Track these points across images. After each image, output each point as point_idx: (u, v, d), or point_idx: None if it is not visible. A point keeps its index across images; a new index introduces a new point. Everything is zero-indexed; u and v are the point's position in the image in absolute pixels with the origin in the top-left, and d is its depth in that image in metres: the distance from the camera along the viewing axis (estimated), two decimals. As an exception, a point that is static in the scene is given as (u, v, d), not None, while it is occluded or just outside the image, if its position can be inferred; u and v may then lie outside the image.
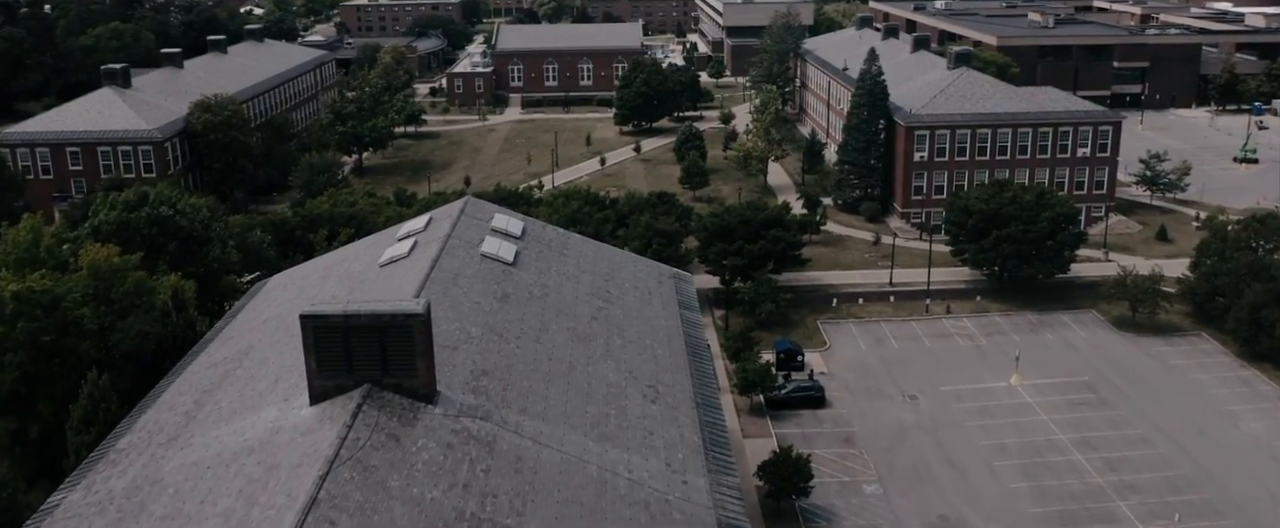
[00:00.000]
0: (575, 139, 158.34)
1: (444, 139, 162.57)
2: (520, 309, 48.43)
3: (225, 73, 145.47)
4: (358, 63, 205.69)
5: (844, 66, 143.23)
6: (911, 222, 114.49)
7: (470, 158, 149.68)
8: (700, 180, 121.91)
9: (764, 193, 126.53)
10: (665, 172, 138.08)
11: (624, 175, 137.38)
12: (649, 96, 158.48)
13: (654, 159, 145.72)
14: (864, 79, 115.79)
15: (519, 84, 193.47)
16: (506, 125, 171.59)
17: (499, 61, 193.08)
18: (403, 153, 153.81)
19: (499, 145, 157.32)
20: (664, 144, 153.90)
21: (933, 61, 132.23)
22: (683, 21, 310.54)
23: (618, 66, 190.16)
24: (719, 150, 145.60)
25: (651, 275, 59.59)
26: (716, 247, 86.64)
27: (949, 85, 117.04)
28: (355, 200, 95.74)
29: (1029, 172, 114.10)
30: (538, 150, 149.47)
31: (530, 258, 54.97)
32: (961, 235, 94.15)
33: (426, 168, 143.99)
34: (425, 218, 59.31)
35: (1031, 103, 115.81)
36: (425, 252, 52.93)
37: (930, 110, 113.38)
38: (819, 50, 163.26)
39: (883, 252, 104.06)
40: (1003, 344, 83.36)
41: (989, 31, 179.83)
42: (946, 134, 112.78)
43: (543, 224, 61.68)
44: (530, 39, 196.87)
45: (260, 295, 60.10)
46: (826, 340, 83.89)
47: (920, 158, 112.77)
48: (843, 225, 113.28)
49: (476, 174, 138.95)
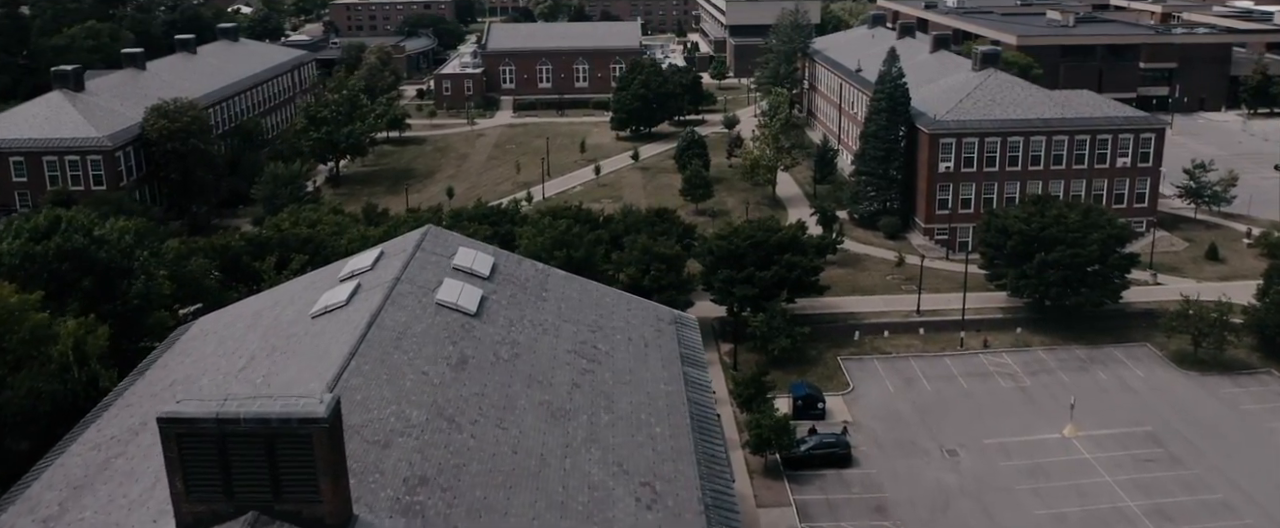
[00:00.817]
0: (569, 145, 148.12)
1: (429, 145, 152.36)
2: (481, 378, 38.26)
3: (192, 75, 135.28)
4: (341, 63, 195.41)
5: (857, 68, 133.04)
6: (935, 238, 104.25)
7: (456, 166, 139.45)
8: (703, 192, 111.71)
9: (772, 205, 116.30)
10: (665, 181, 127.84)
11: (621, 185, 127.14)
12: (648, 99, 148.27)
13: (653, 167, 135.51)
14: (883, 82, 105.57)
15: (511, 86, 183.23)
16: (496, 130, 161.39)
17: (490, 62, 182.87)
18: (384, 160, 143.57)
19: (487, 152, 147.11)
20: (664, 151, 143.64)
21: (955, 62, 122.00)
22: (683, 20, 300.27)
23: (615, 67, 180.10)
24: (722, 157, 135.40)
25: (648, 322, 49.36)
26: (723, 273, 76.41)
27: (976, 88, 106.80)
28: (318, 218, 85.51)
29: (1064, 183, 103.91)
30: (528, 157, 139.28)
31: (499, 305, 44.74)
32: (998, 258, 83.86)
33: (408, 177, 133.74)
34: (375, 253, 49.10)
35: (1066, 107, 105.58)
36: (367, 299, 42.79)
37: (956, 116, 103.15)
38: (829, 50, 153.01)
39: (907, 274, 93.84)
40: (1050, 385, 73.12)
41: (1008, 30, 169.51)
42: (974, 142, 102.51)
43: (518, 259, 51.42)
44: (523, 38, 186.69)
45: (178, 346, 49.93)
46: (849, 381, 73.61)
47: (945, 168, 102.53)
48: (860, 243, 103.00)
49: (461, 184, 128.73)
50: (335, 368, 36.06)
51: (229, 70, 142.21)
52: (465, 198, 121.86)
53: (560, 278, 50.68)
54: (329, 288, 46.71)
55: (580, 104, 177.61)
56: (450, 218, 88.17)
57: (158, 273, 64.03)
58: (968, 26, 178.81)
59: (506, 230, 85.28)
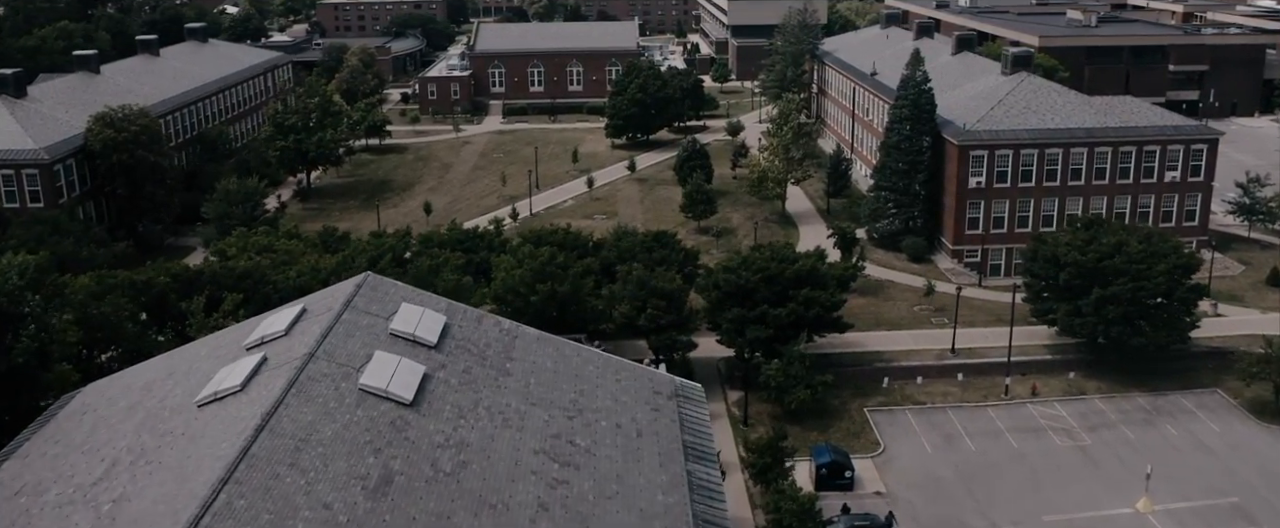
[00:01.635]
0: (561, 153, 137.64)
1: (411, 153, 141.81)
2: (408, 508, 27.92)
3: (152, 79, 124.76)
4: (322, 66, 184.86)
5: (872, 71, 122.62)
6: (964, 261, 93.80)
7: (437, 177, 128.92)
8: (706, 208, 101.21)
9: (782, 222, 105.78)
10: (664, 194, 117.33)
11: (616, 199, 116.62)
12: (645, 105, 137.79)
13: (651, 178, 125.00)
14: (906, 87, 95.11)
15: (500, 89, 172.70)
16: (484, 137, 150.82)
17: (478, 64, 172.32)
18: (361, 171, 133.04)
19: (473, 161, 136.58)
20: (663, 160, 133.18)
21: (982, 65, 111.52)
22: (683, 21, 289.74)
23: (611, 70, 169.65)
24: (726, 167, 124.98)
25: (641, 397, 38.90)
26: (732, 312, 65.84)
27: (1008, 94, 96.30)
28: (269, 243, 75.01)
29: (1106, 200, 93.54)
30: (517, 168, 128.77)
31: (446, 388, 34.36)
32: (1046, 291, 73.35)
33: (385, 190, 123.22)
34: (293, 310, 38.71)
35: (1108, 115, 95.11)
36: (268, 383, 32.57)
37: (988, 125, 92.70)
38: (839, 52, 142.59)
39: (937, 303, 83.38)
40: (1112, 443, 62.66)
41: (1029, 31, 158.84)
42: (1008, 154, 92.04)
43: (478, 317, 40.89)
44: (513, 39, 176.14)
45: (53, 426, 39.52)
46: (879, 440, 63.10)
47: (976, 183, 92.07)
48: (881, 266, 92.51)
49: (441, 198, 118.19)
50: (197, 502, 25.67)
51: (194, 73, 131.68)
52: (445, 214, 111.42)
53: (531, 340, 40.19)
54: (230, 359, 36.36)
55: (574, 109, 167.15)
56: (420, 243, 77.74)
57: (58, 319, 53.58)
58: (984, 27, 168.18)
59: (483, 258, 74.79)
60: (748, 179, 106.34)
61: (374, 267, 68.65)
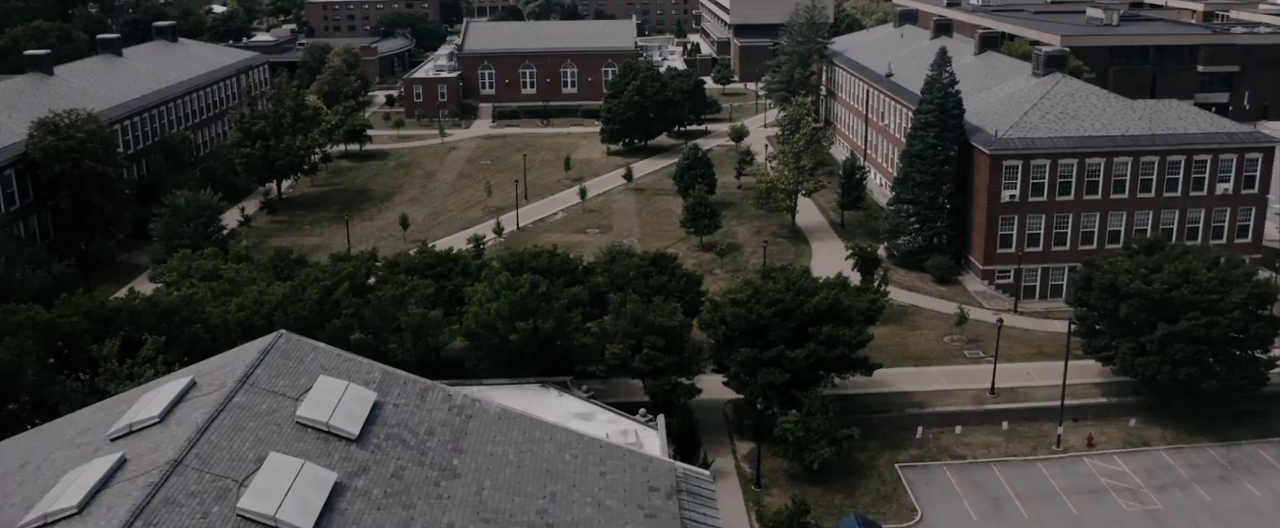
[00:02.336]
0: (553, 160, 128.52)
1: (392, 160, 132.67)
2: None
3: (111, 81, 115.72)
4: (304, 67, 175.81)
5: (888, 72, 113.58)
6: (996, 283, 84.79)
7: (420, 186, 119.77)
8: (709, 223, 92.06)
9: (792, 237, 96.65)
10: (663, 206, 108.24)
11: (610, 211, 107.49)
12: (643, 108, 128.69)
13: (649, 188, 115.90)
14: (931, 90, 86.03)
15: (490, 91, 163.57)
16: (471, 142, 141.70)
17: (467, 65, 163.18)
18: (338, 179, 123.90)
19: (458, 168, 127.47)
20: (662, 167, 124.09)
21: (1009, 66, 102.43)
22: (683, 20, 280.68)
23: (607, 71, 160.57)
24: (730, 176, 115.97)
25: (633, 500, 29.77)
26: (742, 352, 56.70)
27: (1042, 98, 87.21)
28: (217, 267, 65.94)
29: (1152, 214, 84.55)
30: (504, 176, 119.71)
31: (365, 505, 25.30)
32: (1102, 325, 64.23)
33: (361, 201, 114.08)
34: (177, 386, 29.60)
35: (1154, 121, 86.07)
36: (114, 504, 23.45)
37: (1022, 132, 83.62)
38: (850, 52, 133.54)
39: (970, 334, 74.30)
40: (1187, 507, 53.64)
41: (1048, 30, 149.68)
42: (1045, 165, 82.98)
43: (422, 389, 31.74)
44: (504, 39, 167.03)
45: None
46: (916, 506, 53.96)
47: (1010, 197, 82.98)
48: (904, 288, 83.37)
49: (422, 209, 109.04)
50: None
51: (159, 75, 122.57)
52: (425, 228, 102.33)
53: (490, 421, 31.09)
54: (88, 454, 27.36)
55: (568, 112, 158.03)
56: (384, 269, 68.57)
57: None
58: (1001, 25, 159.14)
59: (456, 286, 65.62)
60: (754, 189, 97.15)
61: (327, 298, 59.64)
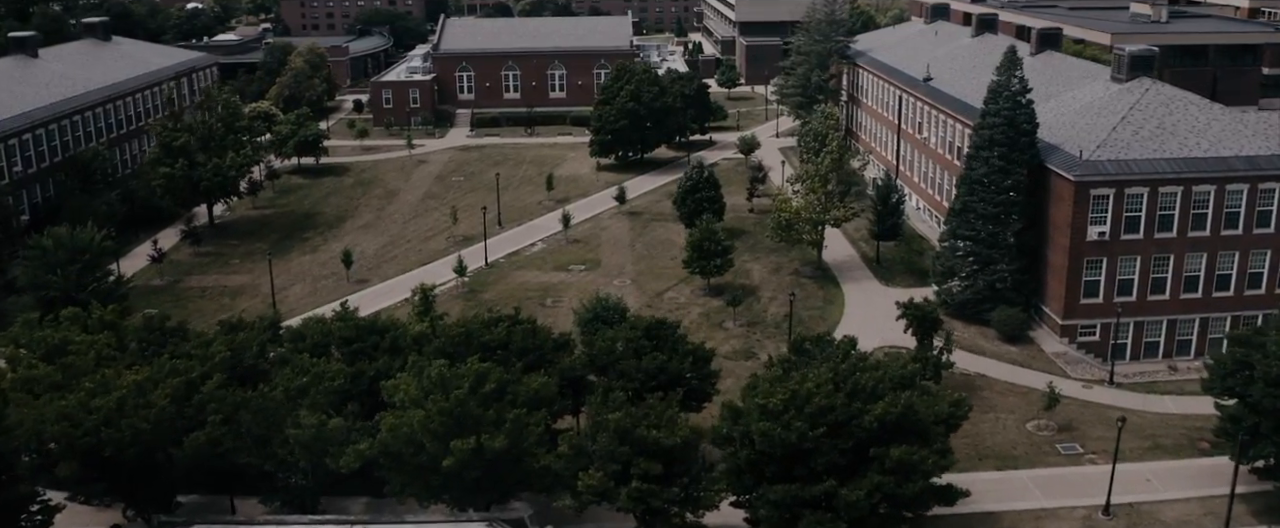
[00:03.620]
0: (535, 177, 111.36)
1: (351, 176, 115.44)
2: None
3: (17, 86, 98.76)
4: (263, 68, 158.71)
5: (926, 77, 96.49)
6: (1078, 342, 67.69)
7: (377, 208, 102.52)
8: (719, 263, 74.77)
9: (819, 277, 79.42)
10: (662, 235, 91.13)
11: (598, 243, 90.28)
12: (638, 116, 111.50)
13: (645, 212, 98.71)
14: (998, 99, 68.80)
15: (469, 96, 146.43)
16: (443, 155, 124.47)
17: (442, 67, 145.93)
18: (285, 200, 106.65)
19: (425, 187, 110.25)
20: (660, 186, 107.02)
21: (1077, 69, 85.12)
22: (684, 17, 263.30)
23: (599, 73, 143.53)
24: (739, 195, 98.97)
25: None
26: (775, 489, 39.48)
27: (1131, 109, 70.02)
28: (66, 339, 48.86)
29: (1270, 255, 67.49)
30: (477, 197, 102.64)
31: None
32: (1261, 421, 46.85)
33: (305, 227, 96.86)
34: None
35: (1271, 136, 68.99)
36: None
37: (1113, 152, 66.53)
38: (876, 52, 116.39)
39: (1061, 416, 57.13)
40: None
41: (1095, 28, 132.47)
42: (1142, 194, 65.90)
43: None
44: (484, 37, 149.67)
45: None
46: None
47: (1099, 234, 65.86)
48: (966, 349, 66.11)
49: (373, 240, 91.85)
50: None
51: (78, 80, 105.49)
52: (375, 263, 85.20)
53: None
54: None
55: (555, 119, 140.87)
56: (286, 344, 51.42)
57: None
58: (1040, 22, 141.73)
59: (382, 369, 48.38)
60: (773, 219, 79.76)
61: (193, 395, 42.53)
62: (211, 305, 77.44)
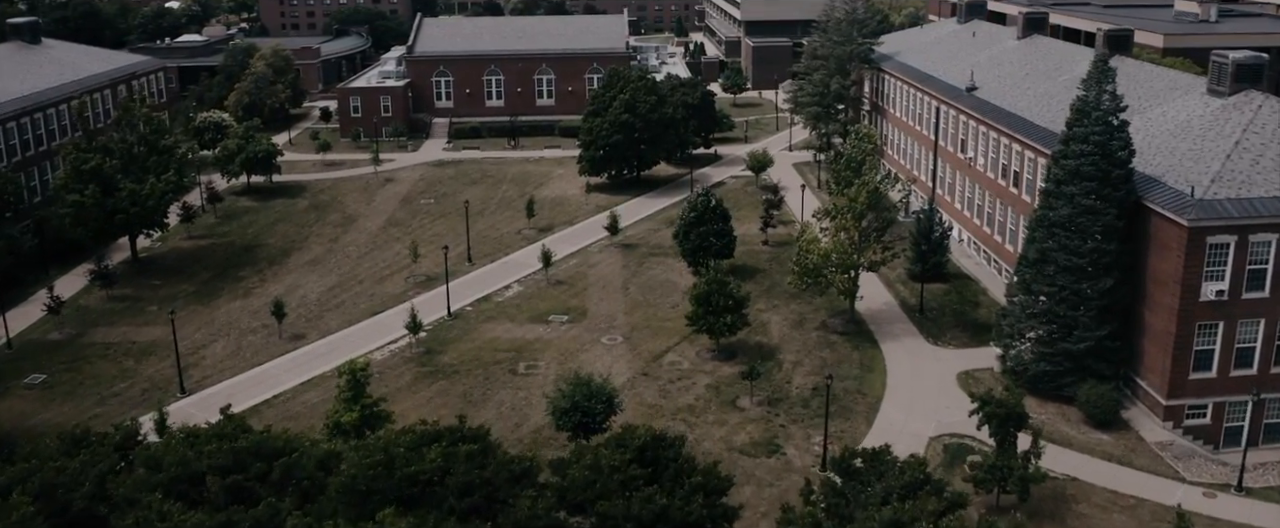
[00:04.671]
0: (516, 199, 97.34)
1: (307, 197, 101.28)
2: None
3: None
4: (221, 72, 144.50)
5: (970, 86, 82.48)
6: (1186, 427, 53.61)
7: (330, 239, 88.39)
8: (731, 320, 60.48)
9: (852, 334, 65.17)
10: (660, 275, 76.98)
11: (586, 284, 76.10)
12: (633, 130, 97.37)
13: (641, 245, 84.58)
14: (1084, 118, 54.54)
15: (447, 103, 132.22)
16: (414, 171, 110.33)
17: (418, 71, 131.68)
18: (227, 227, 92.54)
19: (389, 211, 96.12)
20: (658, 211, 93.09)
21: (1161, 79, 70.69)
22: (684, 16, 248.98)
23: (591, 78, 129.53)
24: (752, 223, 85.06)
25: None
26: None
27: (1244, 132, 55.90)
28: None
29: None
30: (447, 225, 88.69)
31: None
32: None
33: (244, 261, 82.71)
34: None
35: None
36: None
37: (1232, 189, 52.47)
38: (904, 56, 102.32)
39: (1194, 557, 43.05)
40: None
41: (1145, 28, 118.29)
42: (1271, 242, 51.83)
43: None
44: (464, 39, 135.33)
45: None
46: None
47: (1217, 292, 51.77)
48: (1050, 439, 51.77)
49: (320, 280, 77.69)
50: None
51: None
52: (316, 312, 71.09)
53: None
54: None
55: (542, 130, 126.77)
56: (141, 465, 37.31)
57: None
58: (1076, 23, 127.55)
59: (262, 520, 34.05)
60: (797, 265, 65.23)
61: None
62: (112, 370, 63.35)
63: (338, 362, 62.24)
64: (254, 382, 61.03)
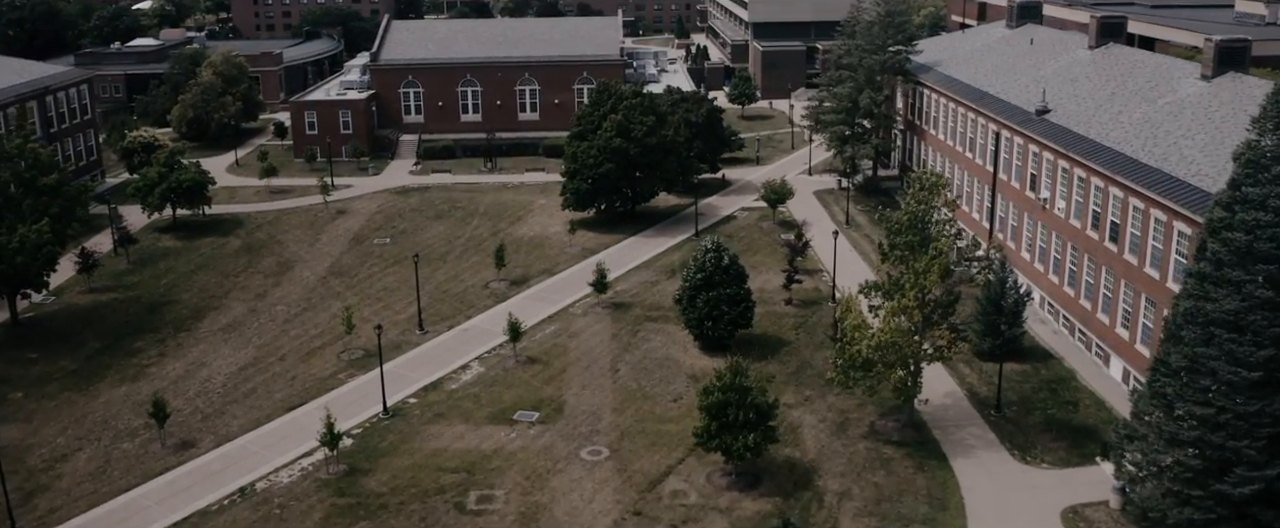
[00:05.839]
0: (485, 240, 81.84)
1: (241, 235, 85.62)
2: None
3: None
4: (167, 81, 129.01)
5: (1042, 109, 66.88)
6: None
7: (256, 295, 72.59)
8: (753, 440, 44.57)
9: (915, 445, 49.33)
10: (659, 351, 61.21)
11: (563, 365, 60.27)
12: (627, 158, 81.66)
13: (635, 304, 68.82)
14: (1257, 176, 38.59)
15: (416, 118, 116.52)
16: (372, 201, 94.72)
17: (383, 81, 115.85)
18: (138, 275, 76.91)
19: (335, 253, 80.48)
20: (657, 255, 77.56)
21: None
22: (685, 16, 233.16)
23: (581, 89, 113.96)
24: (770, 274, 69.60)
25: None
26: None
27: None
28: None
29: None
30: (400, 274, 73.03)
31: None
32: None
33: (147, 326, 66.97)
34: None
35: None
36: None
37: None
38: (947, 66, 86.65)
39: None
40: None
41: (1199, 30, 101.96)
42: None
43: None
44: (437, 44, 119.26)
45: None
46: None
47: None
48: (1209, 636, 36.39)
49: (232, 354, 61.85)
50: None
51: None
52: (220, 405, 55.33)
53: None
54: None
55: (525, 148, 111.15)
56: None
57: None
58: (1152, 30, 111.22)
59: None
60: (840, 358, 49.18)
61: None
62: (-68, 495, 47.63)
63: (232, 486, 46.81)
64: (116, 520, 45.40)
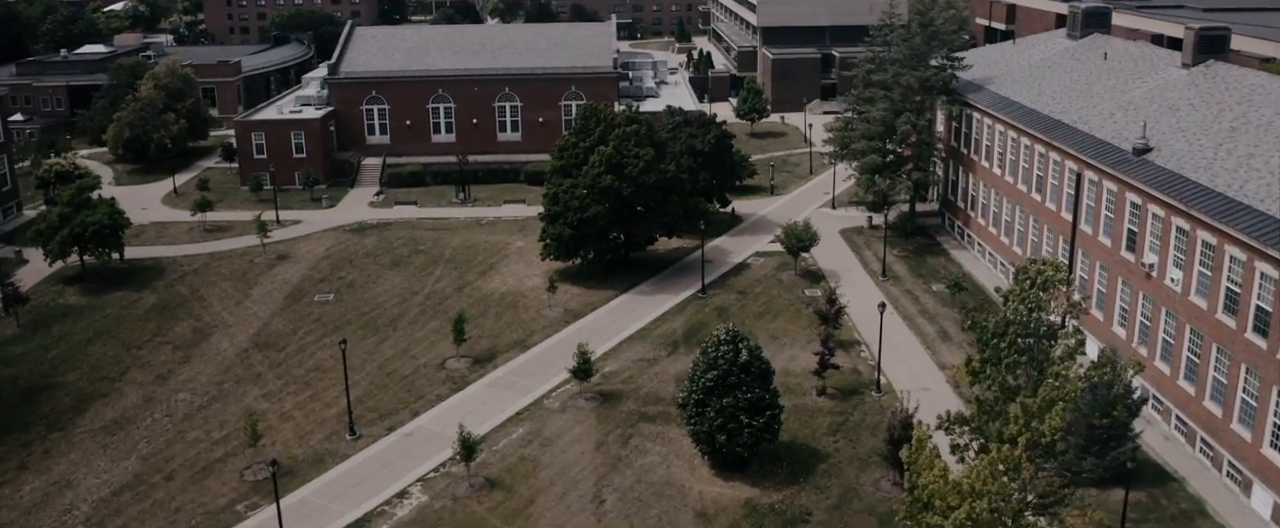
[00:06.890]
0: (450, 296, 67.80)
1: (158, 289, 71.46)
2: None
3: None
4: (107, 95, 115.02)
5: (1141, 147, 52.75)
6: None
7: (158, 375, 58.39)
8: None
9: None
10: (656, 472, 47.02)
11: (531, 490, 46.08)
12: (619, 199, 67.45)
13: (626, 395, 54.67)
14: None
15: (380, 139, 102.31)
16: (320, 242, 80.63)
17: (344, 97, 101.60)
18: (24, 346, 62.86)
19: (266, 314, 66.38)
20: (654, 321, 63.43)
21: None
22: (686, 18, 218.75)
23: (569, 106, 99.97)
24: (794, 349, 55.62)
25: None
26: None
27: None
28: None
29: None
30: (334, 346, 58.75)
31: None
32: None
33: (10, 426, 52.89)
34: None
35: None
36: None
37: None
38: (998, 85, 72.55)
39: None
40: None
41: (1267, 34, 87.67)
42: None
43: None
44: (406, 54, 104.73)
45: None
46: None
47: None
48: None
49: (108, 469, 47.63)
50: None
51: None
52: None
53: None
54: None
55: (504, 175, 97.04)
56: None
57: None
58: (1250, 45, 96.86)
59: None
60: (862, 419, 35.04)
61: None
62: None
63: None
64: None
